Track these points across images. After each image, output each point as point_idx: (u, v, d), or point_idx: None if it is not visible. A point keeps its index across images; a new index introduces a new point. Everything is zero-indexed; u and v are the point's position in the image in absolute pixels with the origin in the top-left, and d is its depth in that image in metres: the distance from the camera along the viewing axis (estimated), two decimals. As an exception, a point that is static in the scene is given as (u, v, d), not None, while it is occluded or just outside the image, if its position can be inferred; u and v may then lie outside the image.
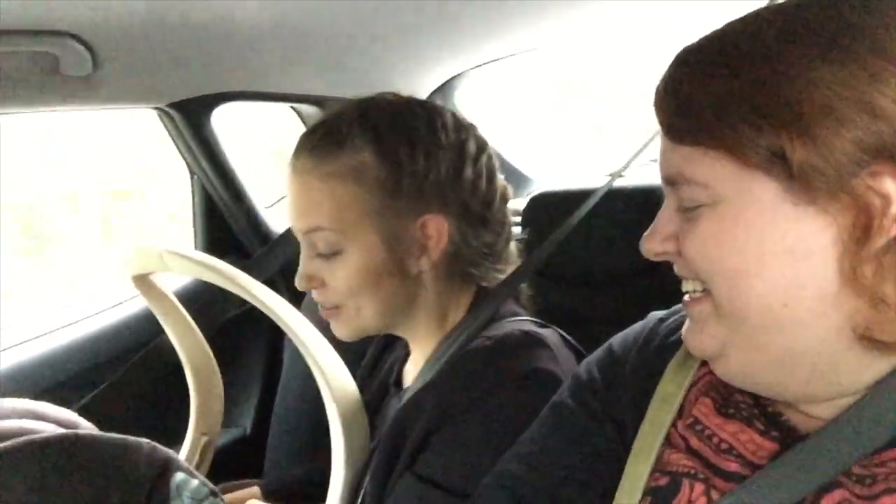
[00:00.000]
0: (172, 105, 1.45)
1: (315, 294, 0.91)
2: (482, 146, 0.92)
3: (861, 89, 0.48)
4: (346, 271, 0.87)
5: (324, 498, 0.97)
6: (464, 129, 0.91)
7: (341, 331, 0.93)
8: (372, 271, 0.86)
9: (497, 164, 0.94)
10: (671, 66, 0.57)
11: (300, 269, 0.90)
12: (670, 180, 0.58)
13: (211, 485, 0.78)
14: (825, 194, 0.50)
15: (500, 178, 0.95)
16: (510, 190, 0.97)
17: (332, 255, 0.87)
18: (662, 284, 0.63)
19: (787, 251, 0.52)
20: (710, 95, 0.53)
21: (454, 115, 0.92)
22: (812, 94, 0.49)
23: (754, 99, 0.51)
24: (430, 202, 0.87)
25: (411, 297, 0.90)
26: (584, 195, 0.98)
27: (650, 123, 0.61)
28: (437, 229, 0.87)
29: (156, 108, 1.47)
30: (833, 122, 0.49)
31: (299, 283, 0.90)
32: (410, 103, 0.91)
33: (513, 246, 0.97)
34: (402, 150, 0.85)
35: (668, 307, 0.70)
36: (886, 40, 0.49)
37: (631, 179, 1.14)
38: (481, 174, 0.90)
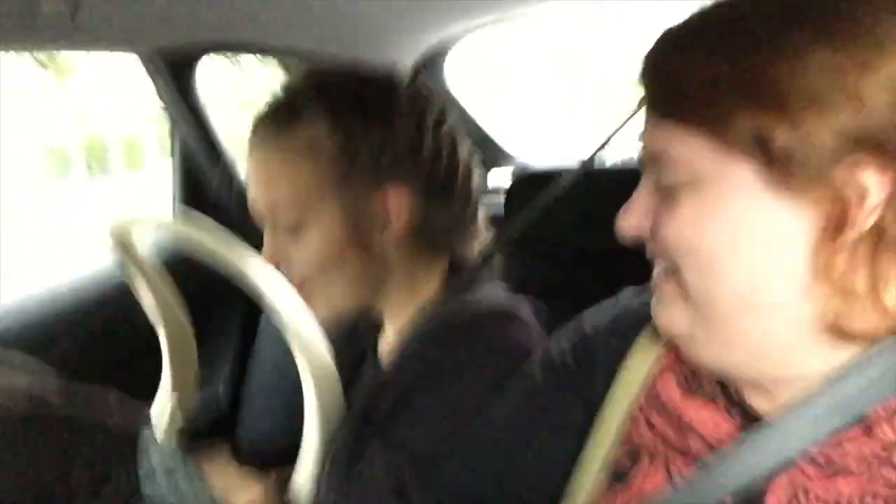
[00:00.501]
0: (155, 52, 1.41)
1: (283, 271, 0.90)
2: (442, 117, 0.91)
3: (849, 78, 0.48)
4: (309, 246, 0.86)
5: (294, 462, 0.98)
6: (422, 99, 0.90)
7: (318, 311, 0.92)
8: (335, 246, 0.86)
9: (459, 136, 0.93)
10: (658, 42, 0.57)
11: (264, 246, 0.89)
12: (651, 156, 0.58)
13: (179, 446, 0.78)
14: (803, 182, 0.50)
15: (465, 149, 0.94)
16: (477, 160, 0.96)
17: (294, 230, 0.86)
18: (642, 262, 0.63)
19: (761, 237, 0.52)
20: (696, 74, 0.52)
21: (411, 87, 0.90)
22: (799, 79, 0.49)
23: (740, 80, 0.50)
24: (389, 174, 0.85)
25: (380, 270, 0.89)
26: (567, 172, 0.98)
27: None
28: (399, 201, 0.86)
29: (139, 54, 1.43)
30: (817, 109, 0.48)
31: (265, 258, 0.88)
32: (366, 75, 0.90)
33: (481, 218, 0.96)
34: (357, 122, 0.84)
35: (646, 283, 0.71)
36: (879, 30, 0.48)
37: (616, 156, 1.14)
38: (442, 145, 0.89)
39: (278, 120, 0.86)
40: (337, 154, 0.84)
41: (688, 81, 0.53)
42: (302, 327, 0.92)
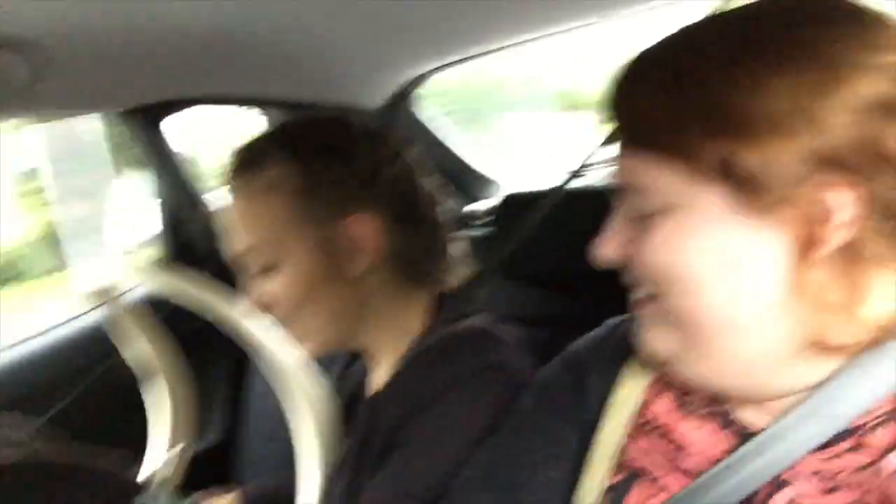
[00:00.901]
0: (122, 114, 1.41)
1: (268, 316, 0.91)
2: (397, 151, 0.94)
3: (806, 101, 0.49)
4: (285, 285, 0.88)
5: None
6: (377, 136, 0.94)
7: (305, 349, 0.92)
8: (310, 280, 0.88)
9: (419, 169, 0.96)
10: (622, 74, 0.58)
11: (249, 292, 0.92)
12: (622, 185, 0.59)
13: (181, 498, 0.76)
14: (771, 204, 0.51)
15: (427, 181, 0.97)
16: (440, 193, 0.99)
17: (269, 270, 0.89)
18: (625, 287, 0.63)
19: (735, 260, 0.53)
20: (661, 104, 0.54)
21: (364, 123, 0.95)
22: (759, 105, 0.50)
23: (705, 109, 0.52)
24: (350, 204, 0.88)
25: (358, 303, 0.91)
26: (552, 196, 0.98)
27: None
28: (363, 230, 0.88)
29: (108, 115, 1.43)
30: (779, 133, 0.50)
31: (248, 306, 0.89)
32: (324, 119, 0.95)
33: (455, 248, 0.98)
34: (316, 158, 0.89)
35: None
36: (834, 53, 0.50)
37: (597, 179, 1.14)
38: (400, 176, 0.92)
39: (242, 168, 0.90)
40: (298, 189, 0.88)
41: (652, 112, 0.54)
42: (295, 372, 0.91)
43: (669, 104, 0.53)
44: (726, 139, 0.51)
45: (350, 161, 0.89)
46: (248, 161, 0.90)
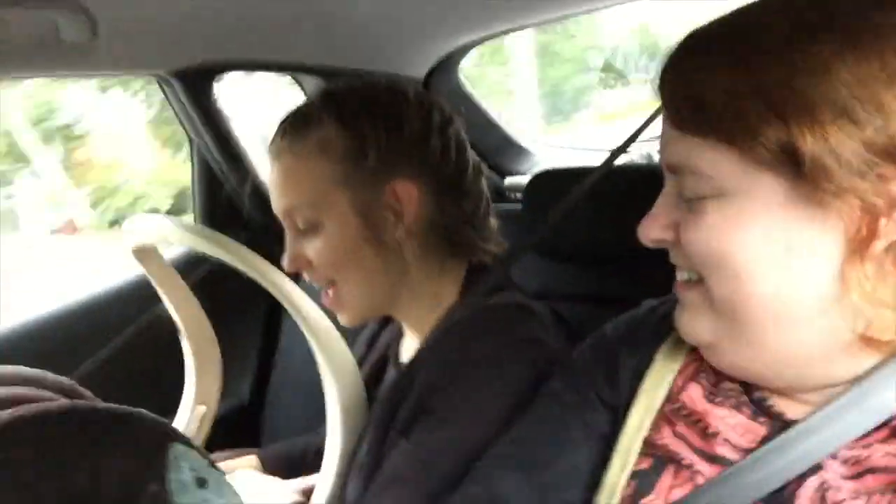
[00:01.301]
0: (172, 73, 1.43)
1: (306, 276, 0.93)
2: (448, 119, 0.94)
3: (877, 89, 0.48)
4: (326, 245, 0.89)
5: (319, 468, 0.98)
6: (427, 103, 0.93)
7: (343, 317, 0.95)
8: (350, 242, 0.89)
9: (465, 140, 0.96)
10: (677, 52, 0.56)
11: (286, 251, 0.93)
12: (673, 168, 0.57)
13: (209, 456, 0.78)
14: (831, 194, 0.49)
15: (471, 153, 0.97)
16: (483, 166, 0.99)
17: (312, 230, 0.90)
18: (662, 266, 0.63)
19: (790, 250, 0.52)
20: (720, 87, 0.52)
21: (417, 92, 0.94)
22: (827, 92, 0.48)
23: (767, 94, 0.50)
24: (397, 168, 0.89)
25: (397, 269, 0.91)
26: (587, 173, 0.98)
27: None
28: (408, 194, 0.88)
29: (156, 76, 1.46)
30: (846, 122, 0.48)
31: (287, 265, 0.93)
32: (372, 83, 0.95)
33: (493, 221, 0.98)
34: (364, 121, 0.88)
35: (667, 289, 0.70)
36: None
37: (637, 156, 1.13)
38: (449, 144, 0.92)
39: (292, 130, 0.91)
40: (346, 151, 0.88)
41: (710, 95, 0.52)
42: (325, 334, 0.93)
43: (729, 86, 0.51)
44: (788, 125, 0.49)
45: (399, 127, 0.89)
46: (299, 122, 0.91)
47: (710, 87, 0.52)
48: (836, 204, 0.50)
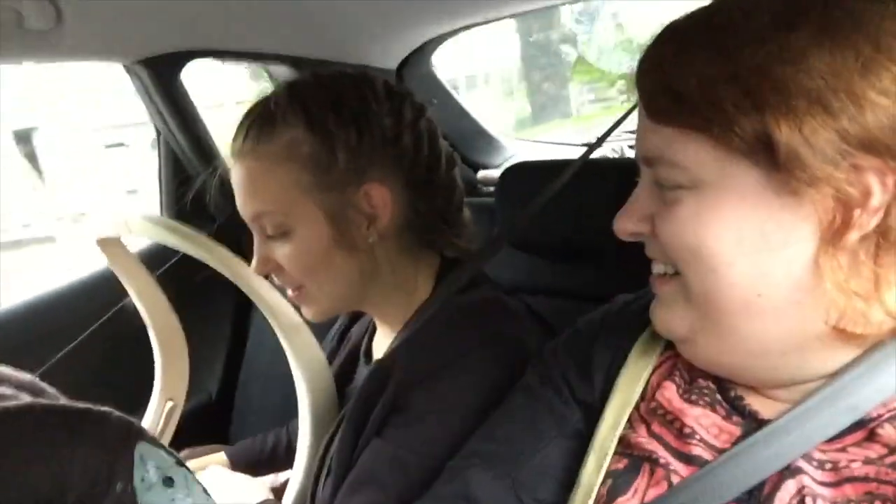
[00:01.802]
0: (139, 62, 1.40)
1: (275, 278, 0.91)
2: (419, 111, 0.91)
3: (852, 80, 0.47)
4: (296, 250, 0.86)
5: (290, 465, 0.97)
6: (397, 96, 0.90)
7: (310, 313, 0.93)
8: (322, 248, 0.86)
9: (436, 132, 0.93)
10: (655, 43, 0.56)
11: (255, 254, 0.89)
12: (649, 160, 0.57)
13: (176, 454, 0.77)
14: (807, 184, 0.49)
15: (443, 143, 0.94)
16: (456, 156, 0.96)
17: (280, 236, 0.86)
18: (637, 261, 0.62)
19: (765, 239, 0.52)
20: (696, 77, 0.51)
21: (386, 84, 0.91)
22: (803, 81, 0.48)
23: (743, 83, 0.50)
24: (368, 171, 0.85)
25: (369, 269, 0.89)
26: (560, 166, 0.97)
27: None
28: (381, 197, 0.86)
29: (123, 65, 1.43)
30: (821, 111, 0.48)
31: (256, 268, 0.89)
32: (339, 77, 0.90)
33: (466, 213, 0.96)
34: (331, 122, 0.84)
35: (641, 283, 0.70)
36: (883, 34, 0.48)
37: (609, 151, 1.13)
38: (421, 139, 0.89)
39: (255, 129, 0.86)
40: (314, 156, 0.84)
41: (686, 84, 0.52)
42: (294, 330, 0.92)
43: (705, 75, 0.51)
44: (763, 114, 0.49)
45: (370, 127, 0.85)
46: (262, 124, 0.86)
47: (686, 76, 0.52)
48: (810, 194, 0.50)
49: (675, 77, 0.53)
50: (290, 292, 0.91)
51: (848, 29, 0.48)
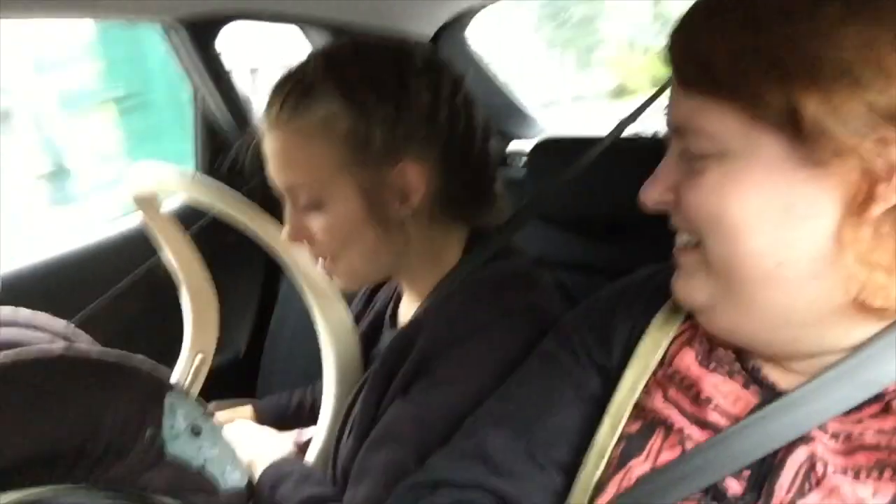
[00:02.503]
0: (179, 20, 1.41)
1: (308, 248, 0.91)
2: (457, 83, 0.89)
3: (882, 52, 0.47)
4: (329, 223, 0.86)
5: (314, 422, 1.00)
6: (435, 69, 0.88)
7: (341, 282, 0.94)
8: (355, 222, 0.86)
9: (474, 103, 0.92)
10: (687, 13, 0.56)
11: (287, 223, 0.89)
12: (678, 128, 0.58)
13: (205, 405, 0.80)
14: (832, 156, 0.49)
15: (480, 113, 0.93)
16: (492, 126, 0.95)
17: (313, 208, 0.86)
18: (663, 235, 0.63)
19: (788, 210, 0.52)
20: (727, 47, 0.52)
21: (424, 55, 0.89)
22: (832, 53, 0.48)
23: (773, 54, 0.50)
24: (405, 148, 0.85)
25: (401, 243, 0.89)
26: (590, 142, 0.97)
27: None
28: (415, 175, 0.85)
29: (161, 23, 1.44)
30: (849, 83, 0.48)
31: (288, 236, 0.89)
32: (377, 48, 0.89)
33: (499, 184, 0.96)
34: (369, 98, 0.83)
35: (667, 259, 0.71)
36: None
37: (639, 128, 1.12)
38: (458, 113, 0.88)
39: (291, 100, 0.84)
40: (351, 132, 0.83)
41: (716, 54, 0.52)
42: (322, 291, 0.94)
43: (735, 46, 0.51)
44: (792, 85, 0.49)
45: (407, 102, 0.84)
46: (298, 95, 0.84)
47: (716, 46, 0.52)
48: (835, 165, 0.50)
49: (705, 46, 0.53)
50: (321, 261, 0.92)
51: (878, 2, 0.48)
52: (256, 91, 1.69)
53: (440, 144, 0.87)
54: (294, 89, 0.85)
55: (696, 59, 0.54)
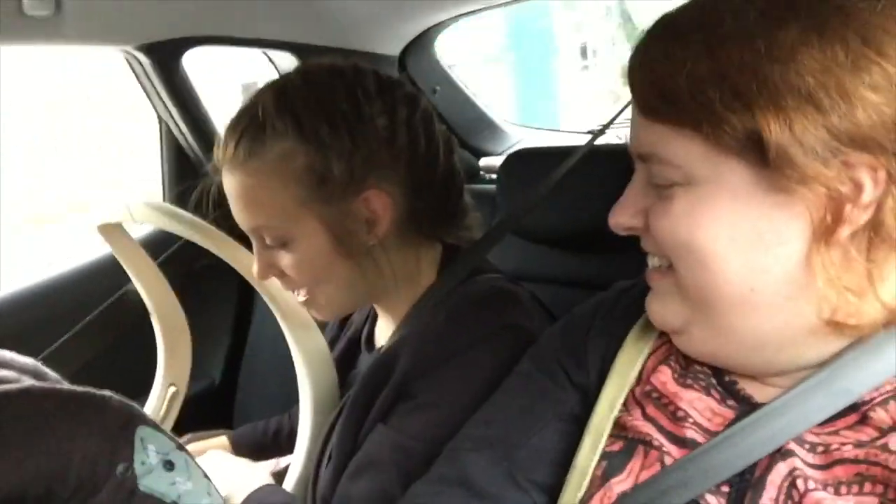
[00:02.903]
0: (140, 48, 1.40)
1: (280, 283, 0.90)
2: (413, 104, 0.87)
3: (842, 76, 0.47)
4: (298, 260, 0.85)
5: (291, 450, 0.98)
6: (388, 90, 0.86)
7: (318, 315, 0.93)
8: (324, 256, 0.84)
9: (432, 120, 0.90)
10: (645, 39, 0.56)
11: (256, 261, 0.88)
12: (642, 157, 0.57)
13: (176, 439, 0.77)
14: (797, 181, 0.49)
15: (440, 128, 0.91)
16: (454, 140, 0.94)
17: (281, 246, 0.85)
18: (639, 249, 0.63)
19: (757, 237, 0.52)
20: (686, 74, 0.51)
21: (377, 77, 0.87)
22: (792, 79, 0.48)
23: (733, 80, 0.50)
24: (366, 177, 0.83)
25: (372, 269, 0.88)
26: (562, 153, 0.97)
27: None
28: (380, 203, 0.84)
29: (123, 51, 1.42)
30: (811, 109, 0.48)
31: (258, 274, 0.88)
32: (328, 76, 0.86)
33: (466, 199, 0.95)
34: (324, 131, 0.81)
35: (643, 272, 0.71)
36: (872, 28, 0.48)
37: (611, 139, 1.12)
38: (417, 133, 0.86)
39: (246, 140, 0.82)
40: (309, 168, 0.81)
41: (677, 82, 0.52)
42: (296, 316, 0.92)
43: (695, 73, 0.51)
44: (752, 112, 0.49)
45: (363, 130, 0.82)
46: (252, 134, 0.82)
47: (675, 74, 0.52)
48: (801, 191, 0.50)
49: (664, 75, 0.53)
50: (297, 295, 0.90)
51: (836, 25, 0.48)
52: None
53: (403, 167, 0.85)
54: (248, 128, 0.83)
55: (656, 87, 0.54)
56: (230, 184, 0.84)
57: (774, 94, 0.48)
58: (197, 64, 1.51)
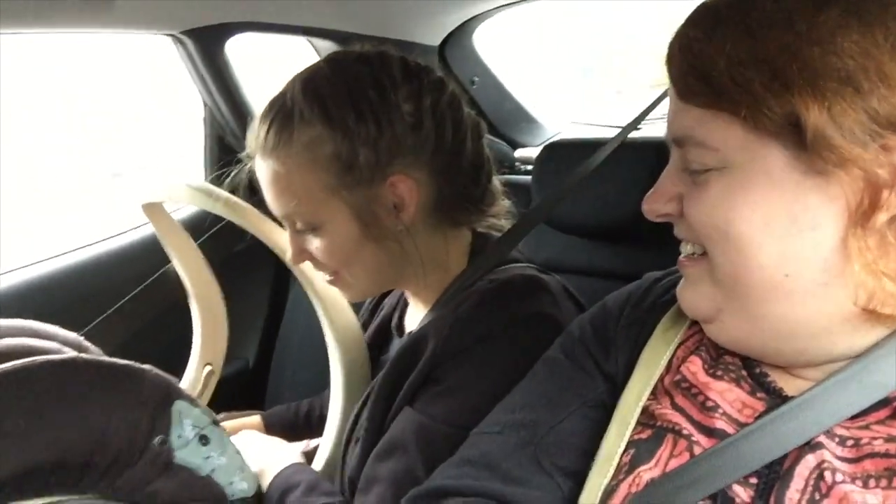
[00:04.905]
0: (186, 32, 1.43)
1: (312, 265, 0.92)
2: (439, 89, 0.89)
3: (881, 59, 0.47)
4: (328, 244, 0.87)
5: (322, 432, 0.99)
6: (415, 76, 0.88)
7: (347, 296, 0.95)
8: (353, 241, 0.86)
9: (459, 106, 0.91)
10: (685, 24, 0.56)
11: (289, 245, 0.90)
12: (678, 141, 0.57)
13: (213, 414, 0.79)
14: (835, 165, 0.49)
15: (468, 113, 0.92)
16: (483, 126, 0.95)
17: (311, 230, 0.87)
18: (671, 240, 0.62)
19: (793, 221, 0.52)
20: (726, 57, 0.51)
21: (403, 63, 0.88)
22: (832, 62, 0.48)
23: (773, 63, 0.50)
24: (393, 163, 0.84)
25: (400, 254, 0.89)
26: (598, 144, 0.97)
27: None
28: (406, 188, 0.85)
29: (170, 35, 1.45)
30: (850, 91, 0.48)
31: (292, 259, 0.91)
32: (355, 63, 0.88)
33: (496, 183, 0.96)
34: (350, 118, 0.83)
35: (675, 262, 0.71)
36: None
37: (645, 132, 1.12)
38: (443, 120, 0.88)
39: (275, 128, 0.85)
40: (336, 155, 0.83)
41: (716, 65, 0.52)
42: (330, 300, 0.94)
43: (735, 57, 0.51)
44: (792, 94, 0.49)
45: (389, 116, 0.84)
46: (280, 124, 0.84)
47: (714, 57, 0.52)
48: (838, 175, 0.49)
49: (703, 58, 0.53)
50: (326, 277, 0.92)
51: (875, 8, 0.48)
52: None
53: (429, 153, 0.86)
54: (276, 117, 0.85)
55: (695, 70, 0.54)
56: (261, 171, 0.87)
57: (814, 76, 0.48)
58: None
